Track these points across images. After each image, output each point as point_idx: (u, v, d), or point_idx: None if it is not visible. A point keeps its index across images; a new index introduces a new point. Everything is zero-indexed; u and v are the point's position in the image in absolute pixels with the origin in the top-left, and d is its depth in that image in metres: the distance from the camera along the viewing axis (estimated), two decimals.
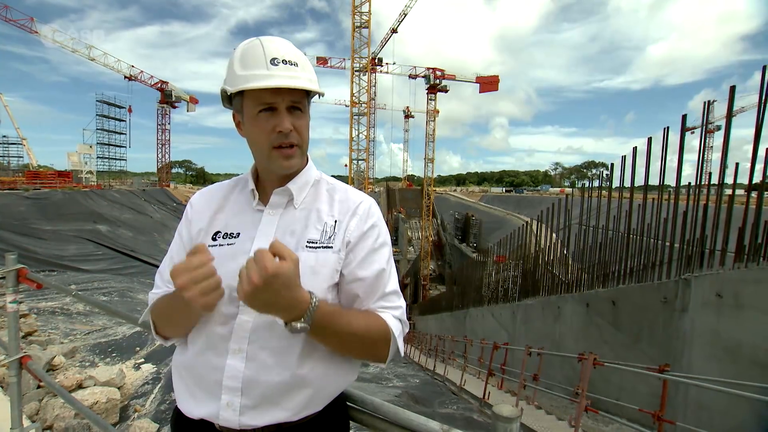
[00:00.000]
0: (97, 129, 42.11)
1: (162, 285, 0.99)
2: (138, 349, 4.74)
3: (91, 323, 5.97)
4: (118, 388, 3.28)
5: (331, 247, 0.91)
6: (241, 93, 0.88)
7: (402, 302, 0.97)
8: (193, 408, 0.89)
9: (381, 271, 0.93)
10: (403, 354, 0.97)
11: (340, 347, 0.89)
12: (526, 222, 10.90)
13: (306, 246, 0.90)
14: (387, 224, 1.06)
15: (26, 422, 2.38)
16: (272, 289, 0.70)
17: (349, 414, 0.99)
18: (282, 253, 0.72)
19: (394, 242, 40.52)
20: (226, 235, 0.95)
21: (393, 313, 0.93)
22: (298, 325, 0.77)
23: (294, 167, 0.93)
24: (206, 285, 0.73)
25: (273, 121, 0.87)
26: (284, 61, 0.86)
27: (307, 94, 0.92)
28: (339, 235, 0.92)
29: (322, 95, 0.96)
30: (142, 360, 4.41)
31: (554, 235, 9.13)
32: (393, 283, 0.96)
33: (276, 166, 0.91)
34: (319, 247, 0.90)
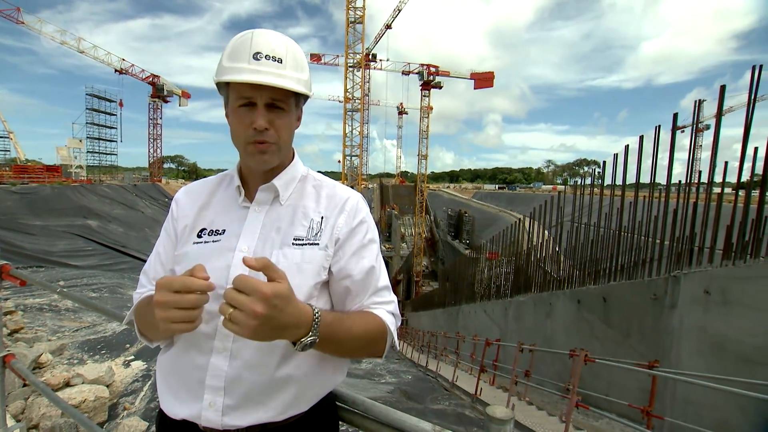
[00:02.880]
0: (87, 123, 41.52)
1: (147, 284, 0.97)
2: (128, 346, 4.68)
3: (80, 320, 5.89)
4: (107, 386, 3.23)
5: (318, 244, 0.90)
6: (228, 85, 0.87)
7: (393, 296, 0.97)
8: (175, 408, 0.87)
9: (371, 267, 0.93)
10: (398, 347, 0.97)
11: (341, 352, 0.88)
12: (519, 219, 10.95)
13: (292, 243, 0.89)
14: (380, 220, 1.07)
15: (11, 422, 2.33)
16: (277, 312, 0.66)
17: (339, 414, 0.98)
18: (267, 269, 0.68)
19: (387, 239, 40.57)
20: (211, 232, 0.93)
21: (386, 308, 0.93)
22: (308, 339, 0.74)
23: (269, 163, 0.90)
24: (179, 315, 0.68)
25: (250, 117, 0.85)
26: (267, 57, 0.83)
27: (295, 92, 0.89)
28: (326, 232, 0.91)
29: (307, 98, 0.93)
30: (132, 357, 4.36)
31: (546, 232, 9.19)
32: (384, 278, 0.96)
33: (251, 161, 0.89)
34: (305, 244, 0.89)
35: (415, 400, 5.61)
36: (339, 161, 34.52)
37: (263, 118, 0.84)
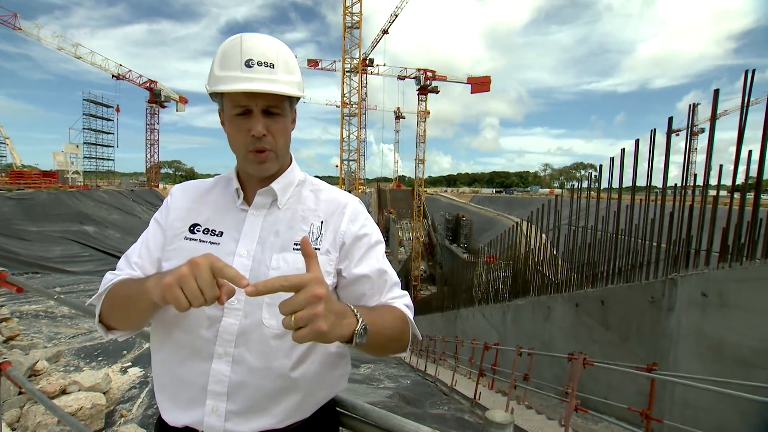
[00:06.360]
0: (84, 128, 41.32)
1: (125, 268, 0.92)
2: (125, 352, 4.64)
3: (76, 326, 5.84)
4: (104, 393, 3.21)
5: (319, 249, 0.90)
6: (222, 94, 0.86)
7: (404, 291, 0.99)
8: (176, 415, 0.86)
9: (381, 267, 0.94)
10: (420, 338, 0.98)
11: (377, 345, 0.83)
12: (516, 223, 10.98)
13: (293, 248, 0.88)
14: (378, 225, 1.09)
15: (6, 430, 2.31)
16: (328, 295, 0.65)
17: (339, 420, 0.98)
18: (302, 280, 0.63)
19: (385, 243, 40.62)
20: (207, 231, 0.91)
21: (403, 301, 0.95)
22: (361, 327, 0.71)
23: (268, 171, 0.91)
24: (192, 291, 0.64)
25: (247, 125, 0.85)
26: (260, 63, 0.82)
27: (289, 96, 0.89)
28: (327, 236, 0.91)
29: (299, 99, 0.93)
30: (129, 364, 4.33)
31: (544, 235, 9.21)
32: (394, 275, 0.98)
33: (251, 168, 0.90)
34: None
35: (414, 404, 5.58)
36: (336, 166, 34.59)
37: (261, 124, 0.85)
